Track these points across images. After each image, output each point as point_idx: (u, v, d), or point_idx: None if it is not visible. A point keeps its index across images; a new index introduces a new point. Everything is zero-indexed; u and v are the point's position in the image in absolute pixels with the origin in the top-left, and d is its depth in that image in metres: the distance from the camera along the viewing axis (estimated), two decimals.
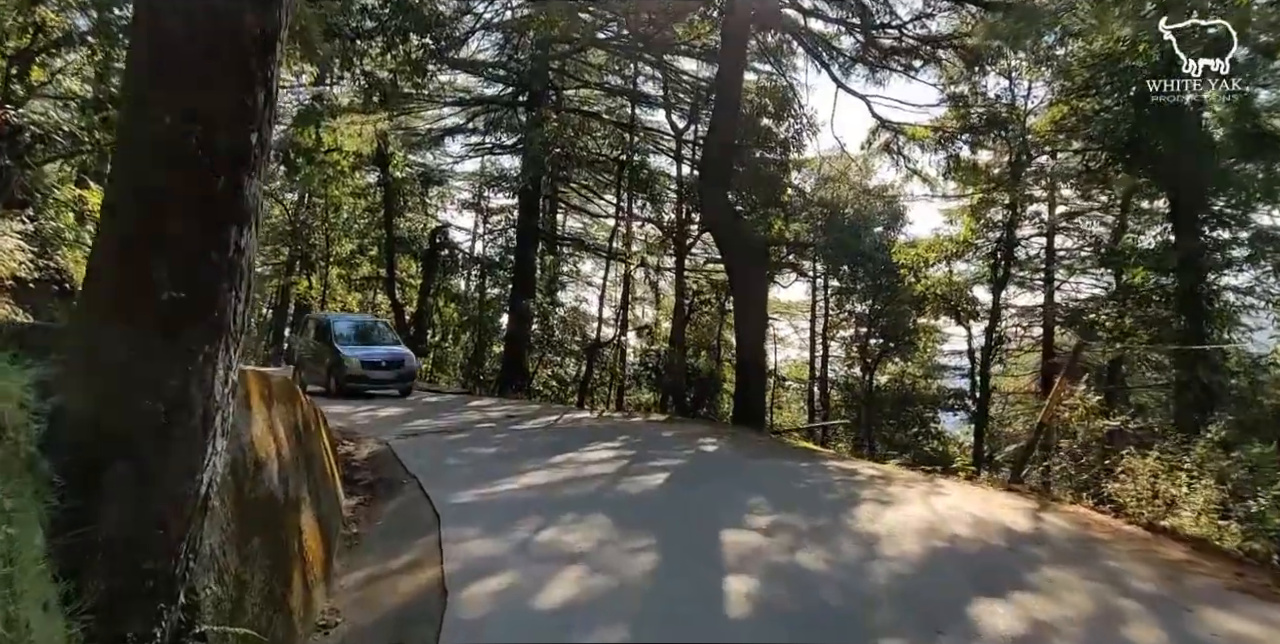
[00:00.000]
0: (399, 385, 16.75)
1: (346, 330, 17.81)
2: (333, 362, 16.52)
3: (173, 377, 2.85)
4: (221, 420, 3.11)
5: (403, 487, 8.17)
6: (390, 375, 16.63)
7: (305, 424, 6.58)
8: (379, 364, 16.56)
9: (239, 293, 3.02)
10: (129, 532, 2.81)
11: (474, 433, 11.69)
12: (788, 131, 17.07)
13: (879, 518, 6.41)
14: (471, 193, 30.88)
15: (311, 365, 17.64)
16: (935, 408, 22.24)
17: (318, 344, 17.64)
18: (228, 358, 3.08)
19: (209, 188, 2.93)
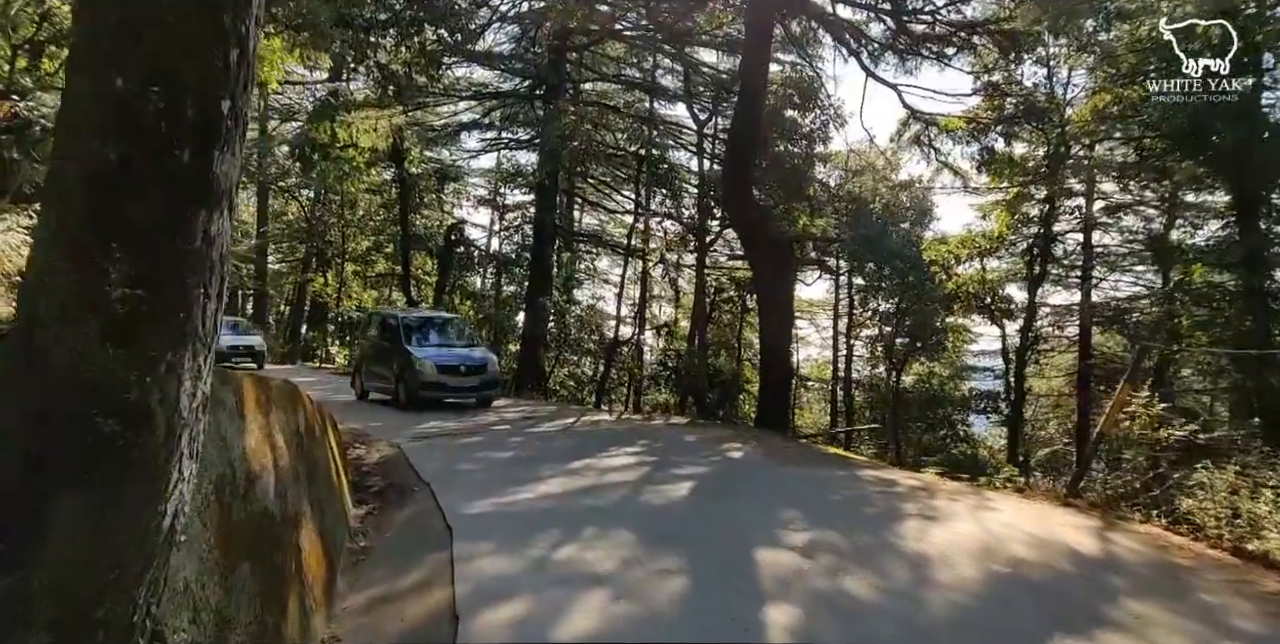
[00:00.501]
0: (480, 394, 14.35)
1: (418, 328, 15.14)
2: (402, 366, 13.93)
3: (129, 390, 2.38)
4: (189, 440, 2.64)
5: (414, 494, 7.75)
6: (471, 382, 14.09)
7: (309, 430, 6.15)
8: (457, 369, 13.90)
9: (208, 289, 2.55)
10: (76, 575, 2.36)
11: (489, 435, 11.26)
12: (813, 123, 16.51)
13: (927, 536, 5.89)
14: (487, 189, 30.54)
15: (377, 370, 15.08)
16: (965, 410, 21.58)
17: (383, 345, 15.05)
18: (196, 366, 2.60)
19: (171, 164, 2.44)
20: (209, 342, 2.62)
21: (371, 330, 16.30)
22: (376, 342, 15.54)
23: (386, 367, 14.62)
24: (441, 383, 13.72)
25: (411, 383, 13.70)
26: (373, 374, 15.23)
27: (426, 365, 13.73)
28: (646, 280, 22.22)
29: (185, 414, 2.58)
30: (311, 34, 13.63)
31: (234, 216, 2.73)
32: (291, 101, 29.22)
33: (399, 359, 14.10)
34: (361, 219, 29.21)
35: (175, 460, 2.57)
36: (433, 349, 14.33)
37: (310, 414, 6.44)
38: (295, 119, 28.17)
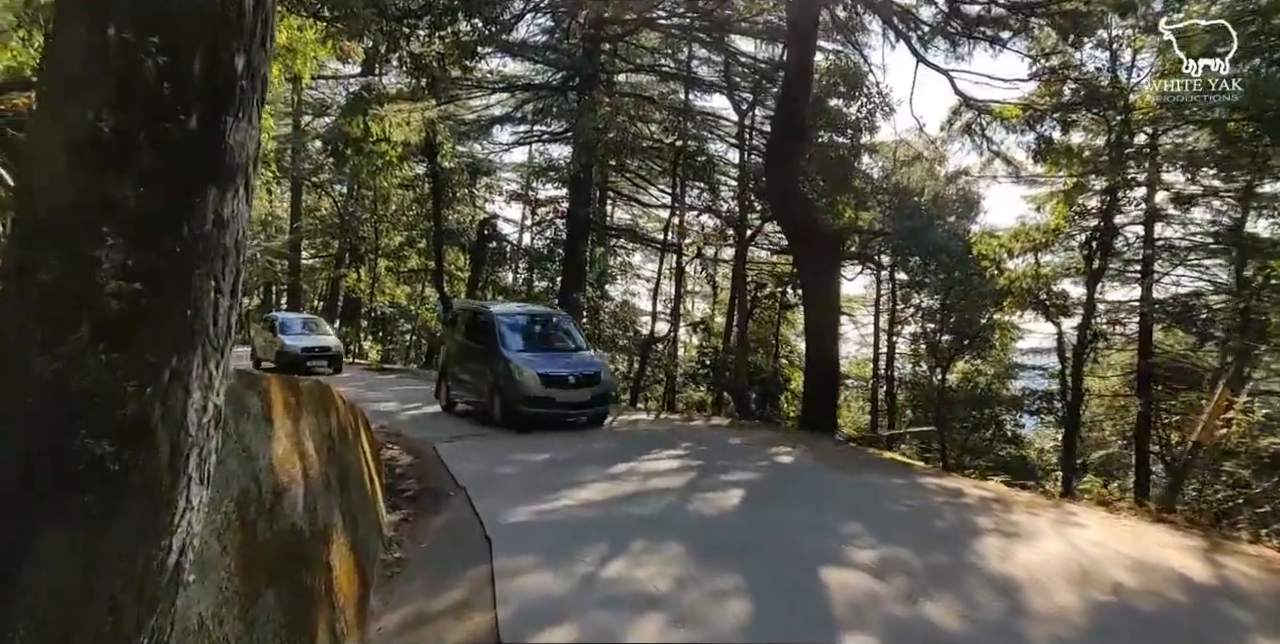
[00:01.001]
0: (592, 411, 11.75)
1: (518, 327, 12.51)
2: (498, 375, 11.50)
3: (124, 403, 1.97)
4: (199, 461, 2.22)
5: (450, 499, 7.39)
6: (581, 396, 11.51)
7: (341, 433, 5.80)
8: (566, 380, 11.36)
9: (220, 283, 2.13)
10: (63, 626, 1.97)
11: (525, 436, 10.88)
12: (859, 112, 15.88)
13: (1011, 556, 5.37)
14: (519, 184, 30.27)
15: (466, 378, 12.66)
16: (1015, 410, 20.78)
17: (473, 346, 12.56)
18: (206, 374, 2.17)
19: (175, 133, 2.02)
20: (222, 344, 2.19)
21: (459, 328, 13.66)
22: (465, 342, 13.00)
23: (478, 373, 12.20)
24: (547, 397, 11.08)
25: (510, 396, 11.18)
26: (461, 381, 12.81)
27: (528, 376, 11.13)
28: (681, 276, 21.74)
29: (194, 431, 2.16)
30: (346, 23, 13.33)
31: (252, 197, 2.31)
32: (324, 96, 29.18)
33: (494, 366, 11.59)
34: (394, 214, 29.09)
35: (182, 486, 2.15)
36: (536, 354, 11.79)
37: (343, 416, 6.09)
38: (328, 114, 28.13)
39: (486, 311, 12.96)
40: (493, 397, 11.64)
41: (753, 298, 18.40)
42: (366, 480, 6.30)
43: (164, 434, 2.04)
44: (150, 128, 1.95)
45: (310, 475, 4.47)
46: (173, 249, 1.99)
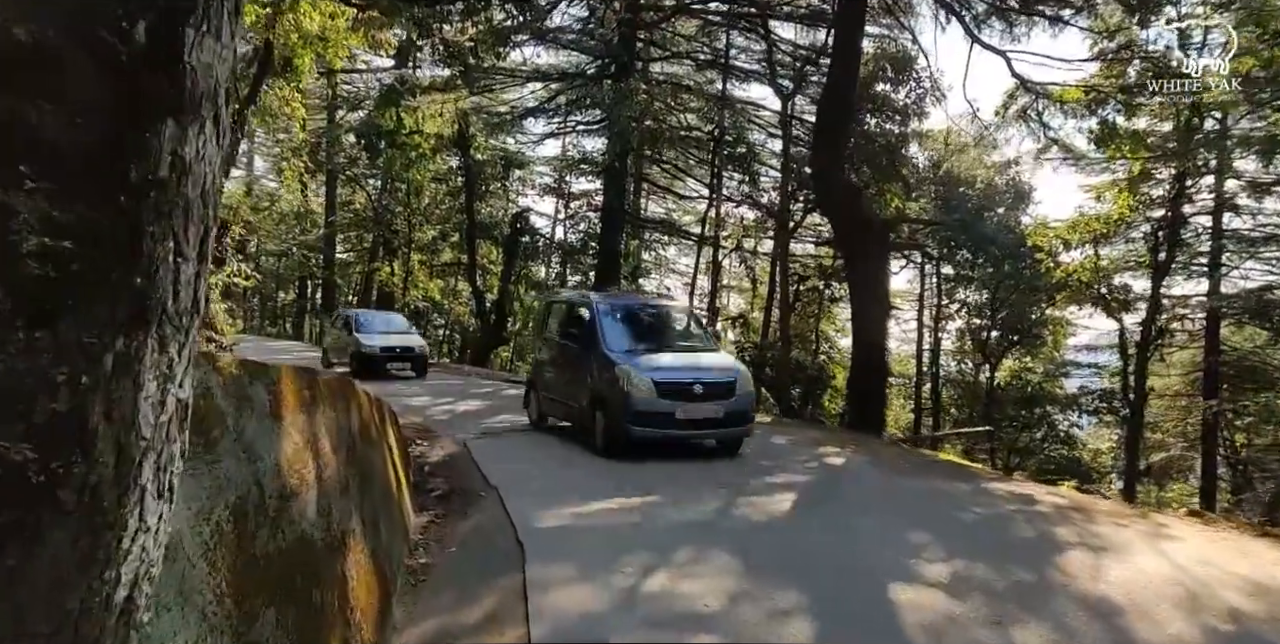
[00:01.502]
0: (724, 432, 8.96)
1: (627, 321, 9.98)
2: (601, 383, 9.07)
3: (52, 397, 1.52)
4: (157, 469, 1.74)
5: (480, 500, 6.98)
6: (711, 411, 8.76)
7: (363, 430, 5.40)
8: (689, 390, 8.68)
9: (182, 244, 1.65)
10: None
11: (559, 432, 10.45)
12: (908, 97, 15.18)
13: (1103, 574, 4.78)
14: (552, 177, 29.91)
15: (559, 388, 10.20)
16: (1071, 409, 19.89)
17: (568, 347, 10.20)
18: (166, 360, 1.69)
19: (116, 47, 1.55)
20: (186, 323, 1.70)
21: (550, 322, 11.01)
22: (559, 341, 10.43)
23: (574, 382, 9.62)
24: (664, 414, 8.46)
25: (615, 412, 8.59)
26: (553, 392, 10.23)
27: (639, 384, 8.51)
28: (718, 269, 21.19)
29: (148, 432, 1.68)
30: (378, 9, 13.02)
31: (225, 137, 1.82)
32: (359, 90, 29.10)
33: (594, 371, 9.12)
34: (427, 208, 28.95)
35: (132, 502, 1.68)
36: (650, 356, 9.08)
37: (365, 411, 5.69)
38: (362, 107, 28.03)
39: (585, 301, 10.30)
40: (592, 412, 8.97)
41: (795, 291, 17.75)
42: (392, 480, 5.90)
43: (106, 437, 1.57)
44: (84, 38, 1.49)
45: (325, 477, 4.05)
46: (115, 198, 1.51)
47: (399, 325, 19.02)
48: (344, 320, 18.89)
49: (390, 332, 18.01)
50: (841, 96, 12.90)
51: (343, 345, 17.90)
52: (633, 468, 8.00)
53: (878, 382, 12.59)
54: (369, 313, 21.06)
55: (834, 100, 12.99)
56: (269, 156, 32.41)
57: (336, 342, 18.64)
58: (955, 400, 23.27)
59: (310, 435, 3.98)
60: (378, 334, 17.54)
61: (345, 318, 19.07)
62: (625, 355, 9.01)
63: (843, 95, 12.90)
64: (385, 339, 17.28)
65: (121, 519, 1.60)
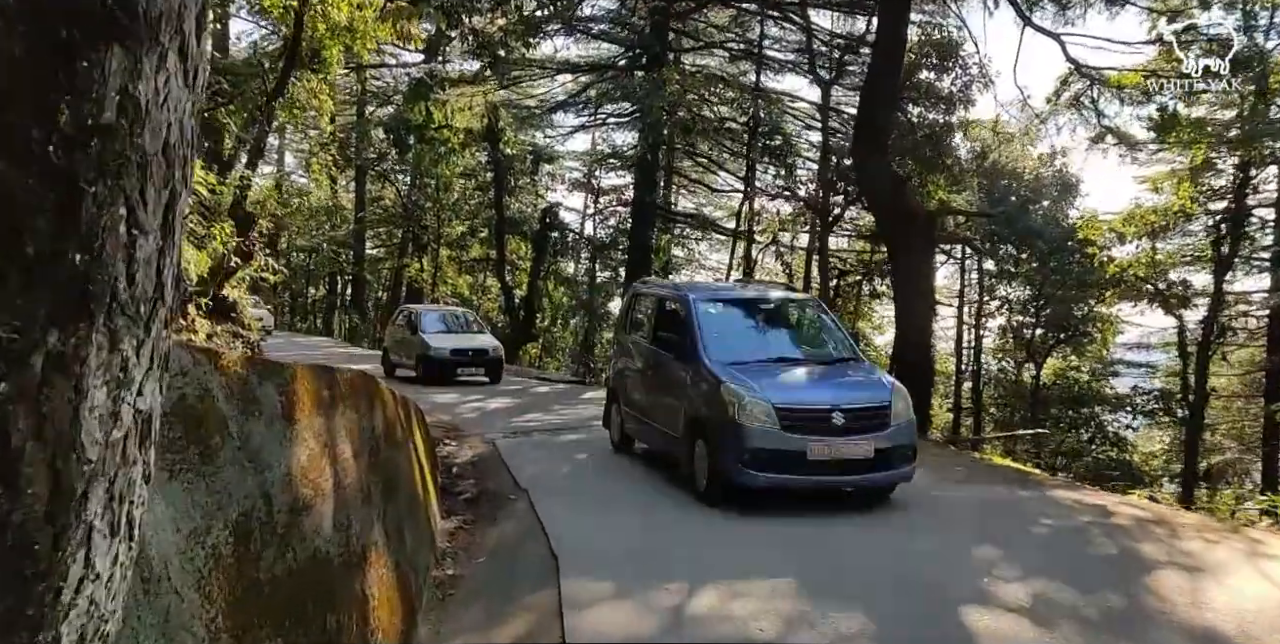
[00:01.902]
0: (875, 478, 6.60)
1: (733, 326, 7.81)
2: (700, 408, 6.91)
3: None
4: (109, 501, 1.35)
5: (511, 504, 6.63)
6: (860, 451, 6.42)
7: (388, 432, 5.06)
8: (827, 420, 6.41)
9: (139, 210, 1.26)
10: None
11: (591, 433, 10.06)
12: (953, 84, 14.56)
13: (1204, 599, 4.28)
14: (582, 172, 29.58)
15: (646, 409, 8.02)
16: (1129, 410, 19.12)
17: (660, 355, 7.82)
18: (117, 359, 1.28)
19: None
20: (147, 313, 1.31)
21: (637, 322, 8.67)
22: (647, 347, 8.00)
23: (666, 401, 7.42)
24: (793, 453, 6.21)
25: (723, 447, 6.36)
26: (639, 412, 7.97)
27: (754, 410, 6.30)
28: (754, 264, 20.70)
29: (94, 452, 1.27)
30: None
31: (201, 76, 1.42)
32: (388, 85, 28.99)
33: (694, 389, 6.94)
34: (456, 203, 28.79)
35: (75, 543, 1.29)
36: (772, 372, 6.94)
37: (390, 410, 5.36)
38: (391, 102, 27.92)
39: (680, 296, 7.78)
40: (690, 443, 6.72)
41: (836, 287, 17.19)
42: (418, 485, 5.57)
43: (36, 461, 1.19)
44: None
45: (345, 485, 3.71)
46: (42, 149, 1.13)
47: (469, 323, 17.21)
48: (406, 318, 16.91)
49: (459, 331, 16.30)
50: (885, 84, 12.37)
51: (406, 347, 15.94)
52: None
53: (922, 381, 12.00)
54: (435, 309, 19.34)
55: (877, 88, 12.47)
56: (298, 152, 32.46)
57: (400, 343, 16.47)
58: (996, 400, 22.53)
59: (328, 440, 3.63)
60: (446, 334, 15.78)
61: (408, 315, 17.03)
62: (734, 369, 6.61)
63: (886, 83, 12.37)
64: (455, 340, 15.46)
65: (59, 566, 1.21)
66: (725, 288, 10.63)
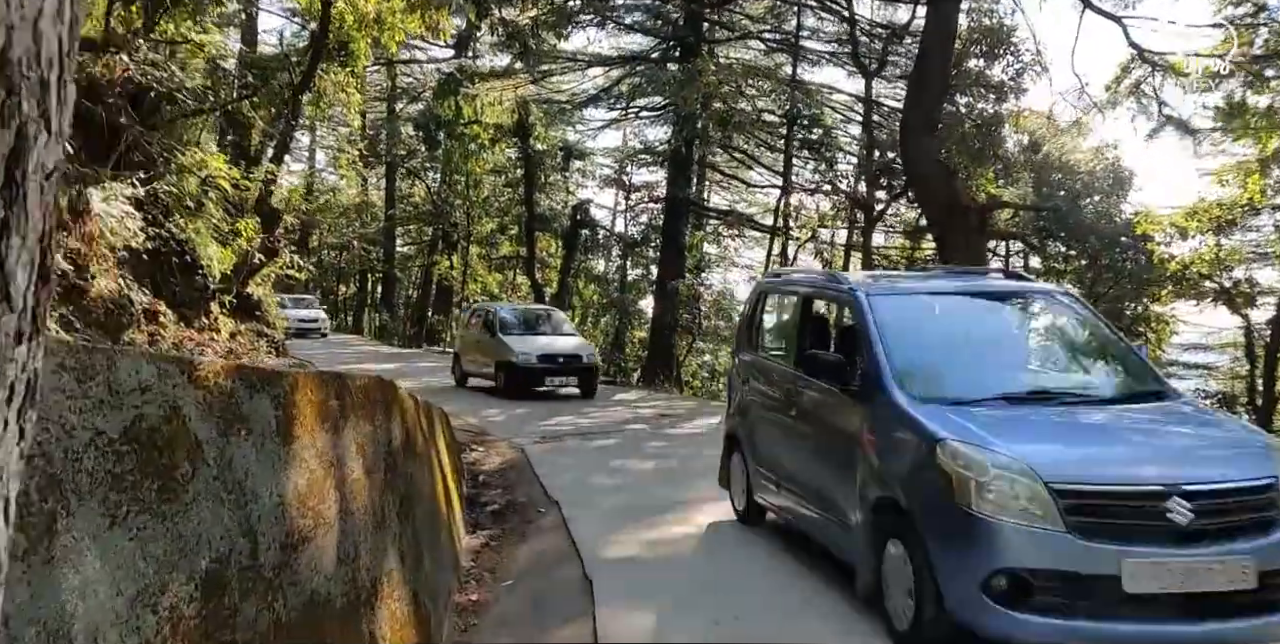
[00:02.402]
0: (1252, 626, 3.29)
1: (953, 343, 4.66)
2: (901, 482, 3.83)
3: None
4: None
5: (541, 518, 6.17)
6: (1237, 577, 3.27)
7: (406, 442, 4.62)
8: (1163, 510, 3.31)
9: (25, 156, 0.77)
10: None
11: (625, 438, 9.61)
12: (1004, 72, 13.84)
13: None
14: (613, 168, 29.16)
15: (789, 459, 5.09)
16: None
17: (802, 395, 4.97)
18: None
19: None
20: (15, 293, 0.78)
21: (768, 334, 6.45)
22: (789, 373, 5.19)
23: (827, 463, 4.52)
24: (1094, 580, 3.24)
25: (950, 561, 3.44)
26: (779, 473, 5.13)
27: (1016, 489, 3.36)
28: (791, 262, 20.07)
29: None
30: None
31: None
32: (418, 81, 28.82)
33: (880, 447, 4.04)
34: (486, 200, 28.54)
35: None
36: (1026, 417, 3.98)
37: (410, 417, 4.91)
38: (421, 99, 27.73)
39: (843, 293, 4.92)
40: (878, 542, 3.88)
41: None
42: (441, 499, 5.13)
43: None
44: None
45: (353, 511, 3.25)
46: None
47: (559, 325, 14.49)
48: (482, 318, 14.35)
49: (548, 333, 13.73)
50: (935, 71, 11.72)
51: (484, 352, 13.48)
52: None
53: None
54: (515, 307, 17.27)
55: (926, 75, 11.82)
56: (327, 149, 32.47)
57: (474, 347, 13.95)
58: None
59: (334, 459, 3.17)
60: (530, 335, 13.32)
61: (484, 314, 14.47)
62: (951, 415, 3.81)
63: (936, 69, 11.72)
64: (543, 343, 13.02)
65: None
66: (915, 277, 7.49)
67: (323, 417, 3.19)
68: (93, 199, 8.44)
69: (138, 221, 9.09)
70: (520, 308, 16.97)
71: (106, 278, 9.05)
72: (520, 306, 18.03)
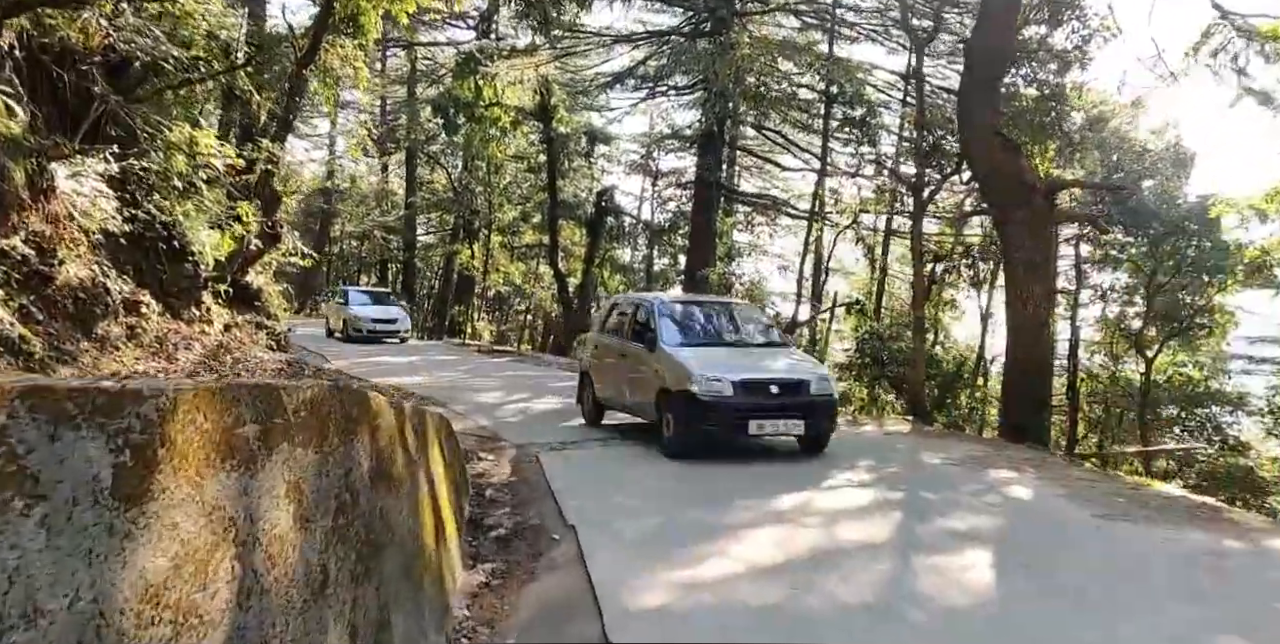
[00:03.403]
0: None
1: None
2: None
3: None
4: None
5: (554, 546, 5.17)
6: None
7: (380, 467, 3.62)
8: None
9: None
10: None
11: (651, 443, 8.58)
12: (1068, 40, 12.52)
13: None
14: (639, 153, 28.06)
15: None
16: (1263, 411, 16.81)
17: None
18: None
19: None
20: None
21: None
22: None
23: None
24: None
25: None
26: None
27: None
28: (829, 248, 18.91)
29: None
30: None
31: None
32: (439, 65, 27.90)
33: None
34: (508, 187, 27.59)
35: None
36: None
37: (387, 435, 3.89)
38: (441, 82, 26.80)
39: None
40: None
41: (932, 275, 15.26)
42: (428, 535, 4.13)
43: None
44: None
45: (267, 586, 2.25)
46: None
47: (758, 330, 9.28)
48: (629, 316, 9.19)
49: (732, 340, 8.79)
50: (997, 32, 10.51)
51: (631, 371, 8.73)
52: None
53: (1040, 382, 10.22)
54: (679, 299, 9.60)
55: (988, 38, 10.62)
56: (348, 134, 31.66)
57: (617, 365, 9.09)
58: (1095, 399, 20.23)
59: (239, 514, 2.16)
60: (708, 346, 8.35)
61: (633, 311, 9.15)
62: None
63: (999, 30, 10.51)
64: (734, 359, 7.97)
65: None
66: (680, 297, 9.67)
67: (225, 452, 2.17)
68: (58, 175, 7.58)
69: (112, 201, 8.24)
70: (686, 299, 10.39)
71: (78, 264, 8.20)
72: (690, 298, 10.95)
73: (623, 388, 8.80)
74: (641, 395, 8.31)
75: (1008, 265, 10.48)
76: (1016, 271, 10.00)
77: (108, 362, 7.98)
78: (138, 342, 8.57)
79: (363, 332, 19.58)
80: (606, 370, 9.22)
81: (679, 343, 8.21)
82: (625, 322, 9.13)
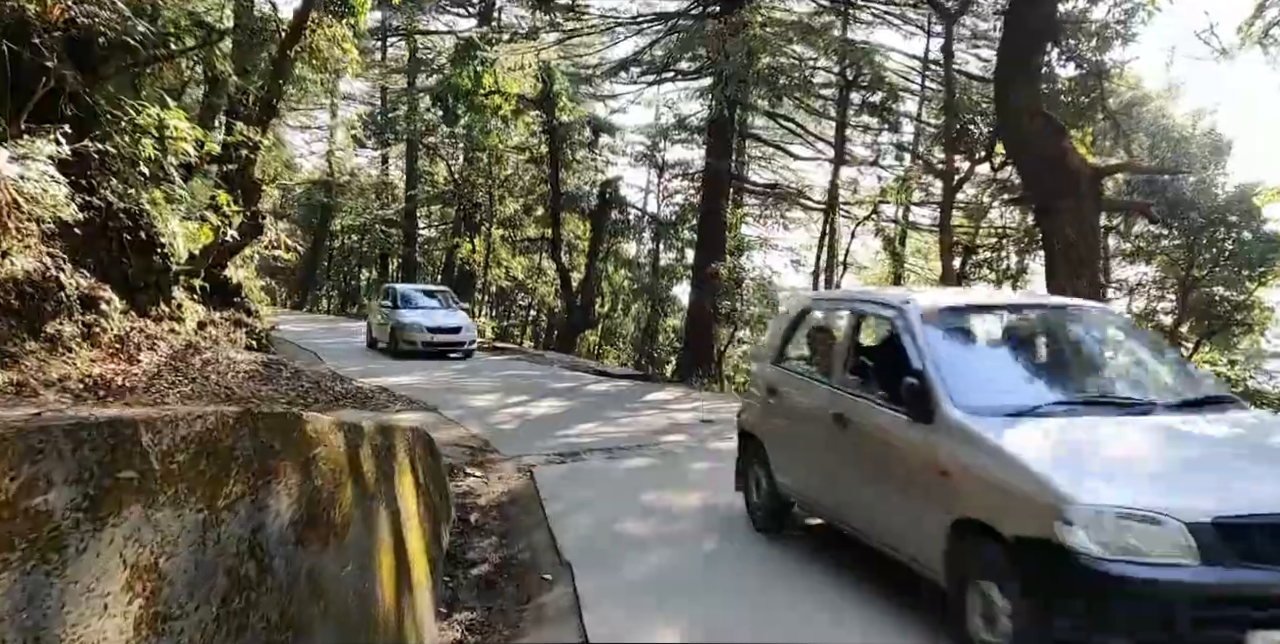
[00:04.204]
0: None
1: None
2: None
3: None
4: None
5: (546, 590, 4.36)
6: None
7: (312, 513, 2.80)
8: None
9: None
10: None
11: (662, 454, 7.76)
12: (1109, 15, 11.62)
13: None
14: (645, 145, 27.19)
15: None
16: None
17: None
18: None
19: None
20: None
21: None
22: None
23: None
24: None
25: None
26: None
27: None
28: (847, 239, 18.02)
29: None
30: None
31: None
32: (438, 52, 27.08)
33: None
34: (509, 179, 26.77)
35: None
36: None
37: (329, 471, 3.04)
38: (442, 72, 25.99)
39: None
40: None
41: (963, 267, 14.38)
42: (383, 591, 3.34)
43: None
44: None
45: None
46: None
47: None
48: (827, 327, 5.55)
49: None
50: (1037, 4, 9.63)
51: None
52: None
53: None
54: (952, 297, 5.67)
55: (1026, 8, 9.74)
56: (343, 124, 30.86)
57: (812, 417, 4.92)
58: None
59: (14, 636, 1.35)
60: None
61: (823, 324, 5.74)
62: None
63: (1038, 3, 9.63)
64: None
65: None
66: None
67: None
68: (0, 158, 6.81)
69: (64, 187, 7.47)
70: (986, 305, 5.12)
71: (26, 255, 7.44)
72: (981, 301, 5.43)
73: (840, 485, 4.45)
74: (891, 515, 3.95)
75: (1049, 258, 9.61)
76: (1059, 265, 9.14)
77: (57, 364, 7.21)
78: (95, 341, 7.81)
79: (417, 345, 14.92)
80: (799, 442, 4.95)
81: (995, 408, 3.56)
82: (836, 346, 4.82)
